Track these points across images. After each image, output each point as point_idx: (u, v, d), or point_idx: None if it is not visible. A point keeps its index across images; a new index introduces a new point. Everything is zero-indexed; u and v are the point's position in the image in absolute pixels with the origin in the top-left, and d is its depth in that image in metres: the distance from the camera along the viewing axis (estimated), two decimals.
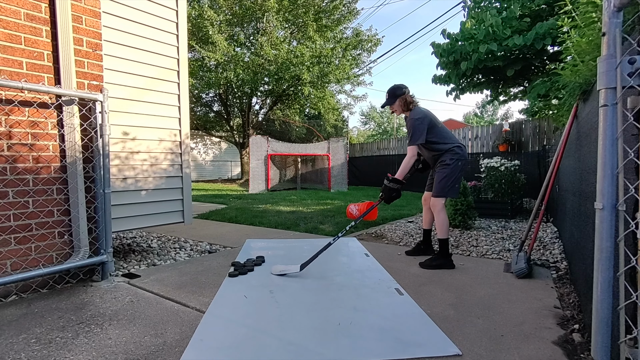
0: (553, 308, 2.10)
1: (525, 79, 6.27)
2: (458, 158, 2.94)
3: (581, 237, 2.22)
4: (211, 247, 3.65)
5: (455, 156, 2.94)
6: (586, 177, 2.18)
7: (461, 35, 5.46)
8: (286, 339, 1.69)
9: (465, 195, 4.39)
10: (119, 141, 2.85)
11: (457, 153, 2.95)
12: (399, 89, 3.05)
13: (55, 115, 2.35)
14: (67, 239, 2.39)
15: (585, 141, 2.17)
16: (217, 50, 12.61)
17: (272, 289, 2.35)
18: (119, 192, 2.84)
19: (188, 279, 2.61)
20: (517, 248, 3.07)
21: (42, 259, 2.27)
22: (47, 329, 1.81)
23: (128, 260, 3.12)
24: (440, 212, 2.92)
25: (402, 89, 3.06)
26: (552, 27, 4.47)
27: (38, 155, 2.28)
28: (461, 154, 2.97)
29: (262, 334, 1.75)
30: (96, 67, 2.55)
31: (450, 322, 1.92)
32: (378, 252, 3.38)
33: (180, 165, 3.27)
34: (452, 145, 2.97)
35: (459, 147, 2.99)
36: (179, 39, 3.19)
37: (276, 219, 5.45)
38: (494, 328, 1.85)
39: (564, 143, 2.73)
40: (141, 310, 2.05)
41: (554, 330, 1.82)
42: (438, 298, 2.26)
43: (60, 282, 2.36)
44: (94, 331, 1.80)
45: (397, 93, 3.05)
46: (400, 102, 3.04)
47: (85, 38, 2.48)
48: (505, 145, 8.85)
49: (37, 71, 2.26)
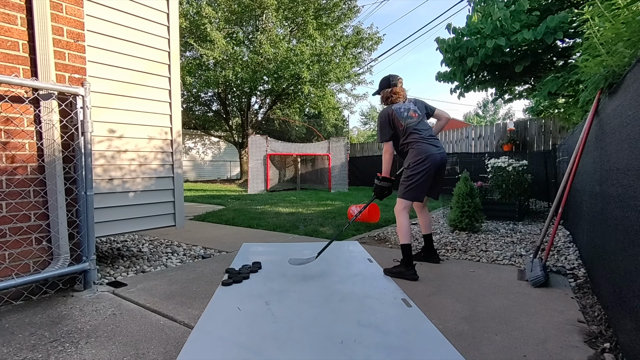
0: (577, 322, 1.90)
1: (533, 76, 6.07)
2: (419, 161, 2.70)
3: (605, 243, 2.03)
4: (205, 252, 3.46)
5: (414, 159, 2.72)
6: (609, 177, 1.98)
7: (467, 30, 5.26)
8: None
9: (472, 197, 4.19)
10: (105, 139, 2.65)
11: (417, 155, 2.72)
12: (385, 82, 2.96)
13: (32, 111, 2.15)
14: (45, 245, 2.19)
15: (611, 138, 1.97)
16: (216, 48, 12.42)
17: (269, 299, 2.16)
18: (105, 194, 2.65)
19: (178, 287, 2.42)
20: (532, 254, 2.87)
21: (15, 268, 2.07)
22: (15, 349, 1.62)
23: (115, 266, 2.93)
24: (398, 215, 2.76)
25: (389, 82, 2.93)
26: (563, 20, 4.27)
27: (12, 154, 2.08)
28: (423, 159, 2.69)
29: (256, 354, 1.55)
30: (78, 58, 2.35)
31: (465, 338, 1.73)
32: (382, 256, 3.18)
33: (171, 165, 3.07)
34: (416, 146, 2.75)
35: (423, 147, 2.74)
36: (169, 30, 2.99)
37: (275, 221, 5.26)
38: (515, 346, 1.66)
39: (583, 141, 2.54)
40: (123, 326, 1.86)
41: (582, 350, 1.63)
42: (449, 310, 2.07)
43: (37, 293, 2.17)
44: (68, 351, 1.61)
45: (382, 85, 2.98)
46: (382, 95, 2.99)
47: (65, 27, 2.28)
48: (510, 145, 8.66)
49: (11, 62, 2.07)
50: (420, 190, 2.75)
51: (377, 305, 2.09)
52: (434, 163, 2.72)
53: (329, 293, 2.28)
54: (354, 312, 1.99)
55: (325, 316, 1.94)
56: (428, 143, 2.76)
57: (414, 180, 2.72)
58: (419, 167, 2.70)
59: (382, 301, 2.15)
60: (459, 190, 4.28)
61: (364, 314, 1.96)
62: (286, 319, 1.90)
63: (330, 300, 2.16)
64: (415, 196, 2.76)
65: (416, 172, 2.71)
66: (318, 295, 2.25)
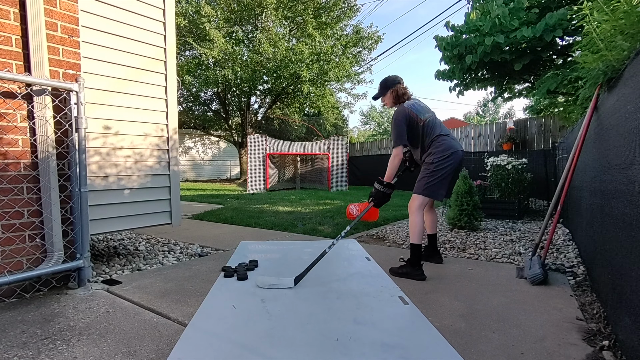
0: (576, 320, 1.88)
1: (532, 74, 6.04)
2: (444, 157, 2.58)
3: (605, 240, 2.01)
4: (202, 250, 3.43)
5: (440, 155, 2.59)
6: (609, 173, 1.96)
7: (466, 27, 5.23)
8: (276, 359, 1.47)
9: (471, 195, 4.17)
10: (100, 136, 2.63)
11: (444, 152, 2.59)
12: (391, 80, 2.83)
13: (25, 107, 2.13)
14: (38, 242, 2.17)
15: (610, 134, 1.94)
16: (215, 47, 12.39)
17: (264, 297, 2.13)
18: (100, 191, 2.62)
19: (173, 285, 2.40)
20: (530, 252, 2.85)
21: (8, 265, 2.05)
22: (5, 346, 1.60)
23: (111, 264, 2.91)
24: (412, 213, 2.62)
25: (395, 80, 2.83)
26: (562, 17, 4.24)
27: (5, 150, 2.06)
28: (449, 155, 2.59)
29: (250, 351, 1.53)
30: (72, 54, 2.33)
31: (462, 336, 1.71)
32: (379, 255, 3.16)
33: (167, 163, 3.05)
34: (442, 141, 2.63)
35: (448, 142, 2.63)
36: (165, 27, 2.97)
37: (273, 219, 5.23)
38: (512, 344, 1.64)
39: (582, 138, 2.51)
40: (116, 323, 1.84)
41: (581, 347, 1.61)
42: (447, 308, 2.04)
43: (30, 291, 2.15)
44: (59, 348, 1.58)
45: (388, 84, 2.83)
46: (392, 94, 2.81)
47: (59, 22, 2.26)
48: (510, 144, 8.63)
49: (4, 57, 2.04)
50: (442, 187, 2.61)
51: (374, 303, 2.07)
52: (457, 160, 2.62)
53: (325, 291, 2.26)
54: (350, 309, 1.97)
55: (321, 314, 1.92)
56: (452, 139, 2.67)
57: (438, 176, 2.57)
58: (445, 162, 2.57)
59: (379, 299, 2.13)
60: (458, 189, 4.25)
61: (360, 312, 1.93)
62: (281, 316, 1.87)
63: (327, 298, 2.13)
64: (436, 193, 2.61)
65: (442, 167, 2.57)
66: (314, 293, 2.22)
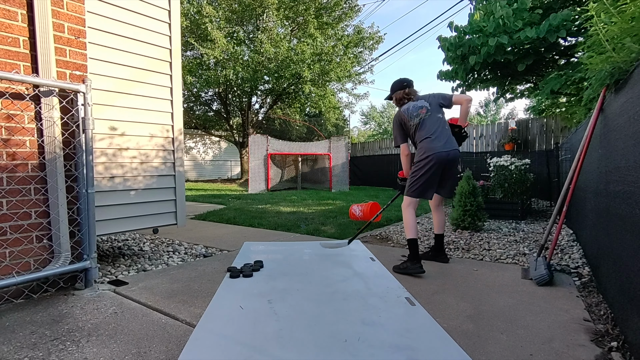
0: (583, 321, 1.88)
1: (535, 75, 6.04)
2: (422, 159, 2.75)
3: (611, 241, 2.01)
4: (207, 251, 3.44)
5: (418, 157, 2.79)
6: (615, 175, 1.96)
7: (469, 28, 5.23)
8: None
9: (474, 196, 4.17)
10: (106, 137, 2.64)
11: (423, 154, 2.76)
12: (394, 86, 3.05)
13: (33, 108, 2.14)
14: (45, 243, 2.17)
15: (617, 135, 1.95)
16: (216, 47, 12.39)
17: (271, 298, 2.14)
18: (106, 192, 2.63)
19: (180, 286, 2.40)
20: (536, 252, 2.85)
21: (16, 266, 2.05)
22: (15, 347, 1.60)
23: (117, 265, 2.91)
24: (404, 212, 2.84)
25: (398, 86, 3.01)
26: (566, 18, 4.24)
27: (13, 151, 2.07)
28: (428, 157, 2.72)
29: (259, 353, 1.53)
30: (79, 55, 2.34)
31: (470, 337, 1.71)
32: (384, 255, 3.16)
33: (172, 164, 3.05)
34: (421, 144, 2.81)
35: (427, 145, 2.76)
36: (171, 28, 2.97)
37: (276, 220, 5.24)
38: (521, 345, 1.64)
39: (588, 139, 2.52)
40: (125, 324, 1.84)
41: (589, 349, 1.61)
42: (454, 309, 2.05)
43: (37, 291, 2.15)
44: (69, 349, 1.59)
45: (392, 89, 3.06)
46: (394, 99, 3.07)
47: (66, 24, 2.27)
48: (511, 144, 8.63)
49: (12, 59, 2.05)
50: (424, 188, 2.77)
51: (381, 304, 2.07)
52: (439, 161, 2.71)
53: (331, 292, 2.26)
54: (357, 310, 1.97)
55: (328, 315, 1.92)
56: (433, 141, 2.75)
57: (417, 178, 2.78)
58: (423, 163, 2.75)
59: (385, 300, 2.13)
60: (462, 189, 4.26)
61: (367, 313, 1.94)
62: (289, 317, 1.88)
63: (334, 299, 2.14)
64: (420, 193, 2.79)
65: (421, 168, 2.76)
66: (321, 294, 2.23)
